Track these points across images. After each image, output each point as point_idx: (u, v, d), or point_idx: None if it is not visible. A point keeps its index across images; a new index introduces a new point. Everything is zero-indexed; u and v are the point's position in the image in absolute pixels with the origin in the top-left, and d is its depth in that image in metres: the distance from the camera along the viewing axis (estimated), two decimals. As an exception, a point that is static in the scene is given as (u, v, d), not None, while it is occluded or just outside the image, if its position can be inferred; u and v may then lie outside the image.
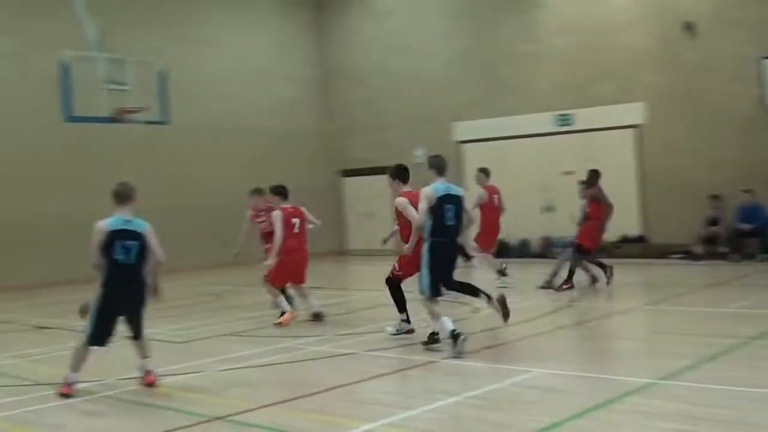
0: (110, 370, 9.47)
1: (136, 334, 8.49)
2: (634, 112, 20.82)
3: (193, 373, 9.32)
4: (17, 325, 14.05)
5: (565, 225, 16.67)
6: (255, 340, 11.40)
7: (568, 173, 21.03)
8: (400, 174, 10.65)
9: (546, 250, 21.39)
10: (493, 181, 15.93)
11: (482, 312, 12.61)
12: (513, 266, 16.63)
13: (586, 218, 14.89)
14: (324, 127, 26.82)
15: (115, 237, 8.19)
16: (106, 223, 8.25)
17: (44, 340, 12.24)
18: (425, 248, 9.66)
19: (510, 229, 21.47)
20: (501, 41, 23.00)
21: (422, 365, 9.06)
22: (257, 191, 13.89)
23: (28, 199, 19.63)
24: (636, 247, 20.33)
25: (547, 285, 14.77)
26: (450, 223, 9.65)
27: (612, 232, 16.93)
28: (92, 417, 7.63)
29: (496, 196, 15.77)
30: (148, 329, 8.82)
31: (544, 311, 12.70)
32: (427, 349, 9.69)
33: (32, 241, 19.45)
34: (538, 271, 16.13)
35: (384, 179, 11.01)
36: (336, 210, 26.60)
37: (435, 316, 9.68)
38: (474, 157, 23.01)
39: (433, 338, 9.81)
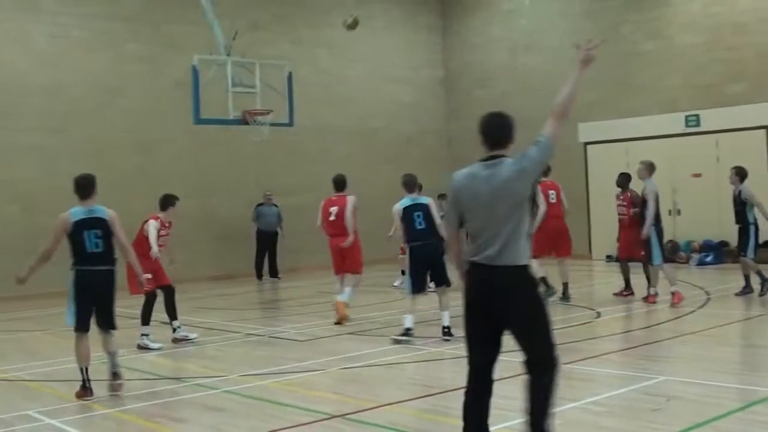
0: (233, 367, 9.74)
1: None
2: (765, 113, 20.12)
3: (316, 371, 9.50)
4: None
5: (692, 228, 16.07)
6: (378, 339, 11.53)
7: (696, 176, 20.54)
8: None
9: (671, 254, 20.85)
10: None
11: (606, 316, 12.49)
12: (637, 269, 16.24)
13: None
14: (447, 128, 26.82)
15: None
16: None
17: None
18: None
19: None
20: (626, 39, 22.54)
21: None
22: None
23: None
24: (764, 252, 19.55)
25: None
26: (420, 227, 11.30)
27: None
28: (214, 412, 7.81)
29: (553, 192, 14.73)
30: (274, 327, 9.01)
31: (672, 316, 12.41)
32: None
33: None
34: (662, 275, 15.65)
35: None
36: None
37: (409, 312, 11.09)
38: (599, 159, 22.71)
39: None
